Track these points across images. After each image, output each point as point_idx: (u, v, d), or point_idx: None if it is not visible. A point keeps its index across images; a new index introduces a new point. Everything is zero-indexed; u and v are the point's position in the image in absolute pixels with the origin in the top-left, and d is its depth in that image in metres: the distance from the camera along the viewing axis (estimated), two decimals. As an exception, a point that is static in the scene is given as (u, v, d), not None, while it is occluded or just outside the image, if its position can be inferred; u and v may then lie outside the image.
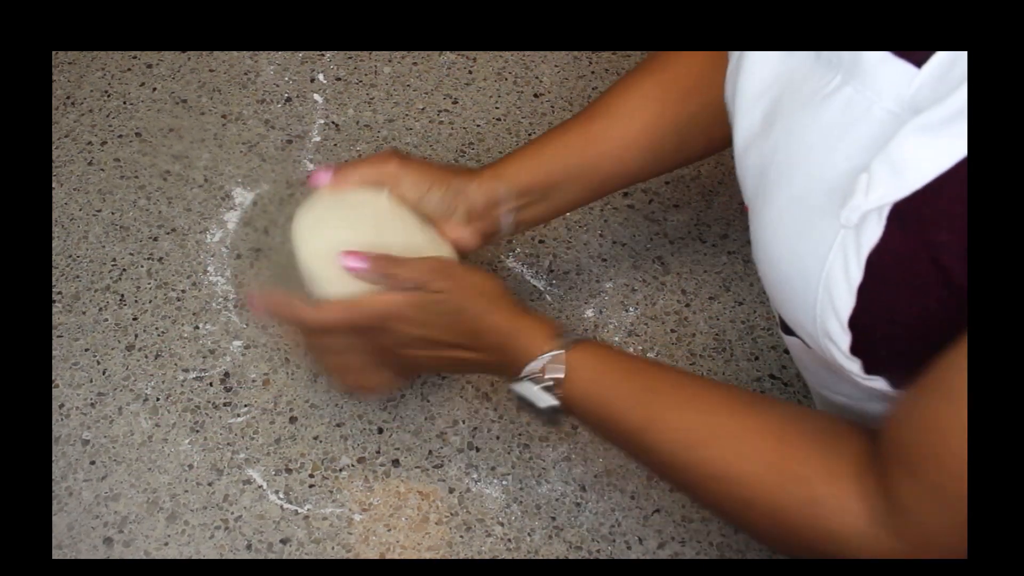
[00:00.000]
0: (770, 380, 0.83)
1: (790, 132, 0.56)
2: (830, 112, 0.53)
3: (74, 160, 0.97)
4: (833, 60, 0.54)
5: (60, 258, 0.89)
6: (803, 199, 0.54)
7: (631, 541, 0.74)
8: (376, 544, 0.73)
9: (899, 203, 0.48)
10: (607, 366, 0.64)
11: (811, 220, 0.54)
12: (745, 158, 0.61)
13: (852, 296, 0.52)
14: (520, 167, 0.75)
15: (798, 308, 0.56)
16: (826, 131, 0.53)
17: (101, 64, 1.06)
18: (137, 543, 0.72)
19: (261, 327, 0.84)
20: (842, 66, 0.53)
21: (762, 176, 0.59)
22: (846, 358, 0.55)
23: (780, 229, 0.56)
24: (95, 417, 0.79)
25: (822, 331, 0.55)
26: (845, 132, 0.52)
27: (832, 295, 0.52)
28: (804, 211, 0.54)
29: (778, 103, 0.58)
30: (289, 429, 0.78)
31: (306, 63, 1.07)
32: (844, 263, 0.51)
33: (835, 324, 0.53)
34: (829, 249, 0.52)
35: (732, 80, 0.63)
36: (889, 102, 0.50)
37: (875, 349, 0.54)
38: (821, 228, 0.53)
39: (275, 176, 0.96)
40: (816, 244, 0.53)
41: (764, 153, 0.59)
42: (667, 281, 0.89)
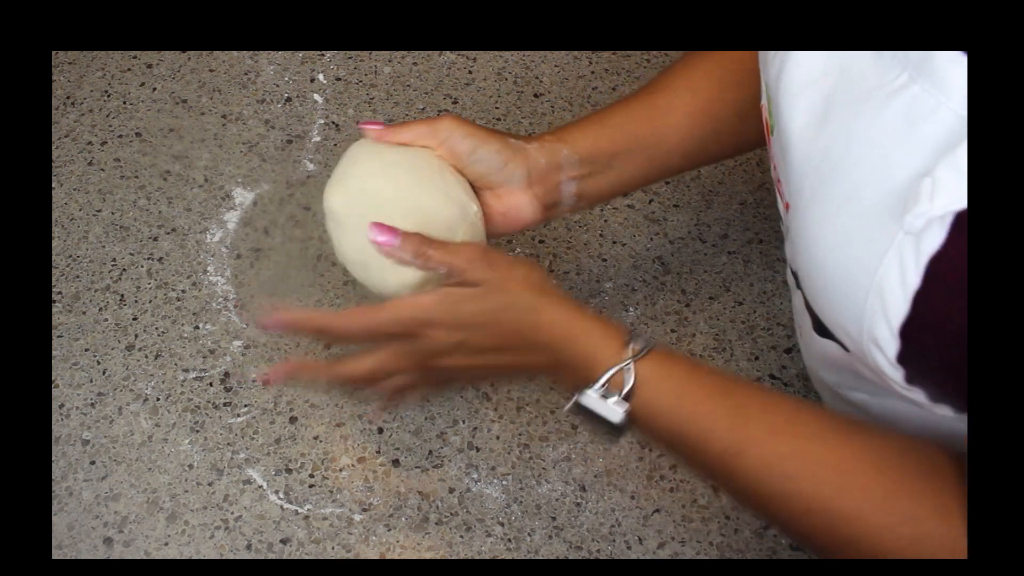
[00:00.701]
0: (770, 380, 0.83)
1: (848, 129, 0.54)
2: (893, 110, 0.51)
3: (74, 160, 0.97)
4: (898, 56, 0.51)
5: (60, 258, 0.89)
6: (858, 199, 0.52)
7: (631, 541, 0.74)
8: (376, 544, 0.73)
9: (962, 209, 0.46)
10: (688, 380, 0.58)
11: (866, 222, 0.51)
12: (790, 152, 0.58)
13: (907, 303, 0.49)
14: (584, 132, 0.70)
15: (842, 311, 0.54)
16: (888, 130, 0.51)
17: (101, 64, 1.06)
18: (137, 543, 0.72)
19: (261, 327, 0.84)
20: (909, 64, 0.51)
21: (812, 172, 0.56)
22: (891, 366, 0.52)
23: (829, 229, 0.54)
24: (95, 417, 0.79)
25: (869, 337, 0.52)
26: (909, 132, 0.50)
27: (885, 301, 0.50)
28: (858, 212, 0.52)
29: (831, 97, 0.55)
30: (289, 429, 0.79)
31: (306, 63, 1.07)
32: (900, 268, 0.49)
33: (885, 331, 0.51)
34: (884, 253, 0.50)
35: (774, 68, 0.60)
36: (958, 104, 0.48)
37: (924, 358, 0.51)
38: (876, 231, 0.51)
39: (275, 176, 0.96)
40: (869, 247, 0.51)
41: (814, 149, 0.56)
42: (667, 281, 0.89)
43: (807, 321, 0.63)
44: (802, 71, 0.57)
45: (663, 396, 0.58)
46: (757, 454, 0.55)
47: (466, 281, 0.59)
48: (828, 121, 0.55)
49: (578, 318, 0.60)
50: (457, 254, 0.60)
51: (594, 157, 0.70)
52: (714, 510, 0.75)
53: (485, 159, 0.67)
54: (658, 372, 0.58)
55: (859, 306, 0.52)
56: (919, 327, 0.50)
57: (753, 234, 0.93)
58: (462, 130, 0.67)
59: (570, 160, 0.69)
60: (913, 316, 0.50)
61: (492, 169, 0.67)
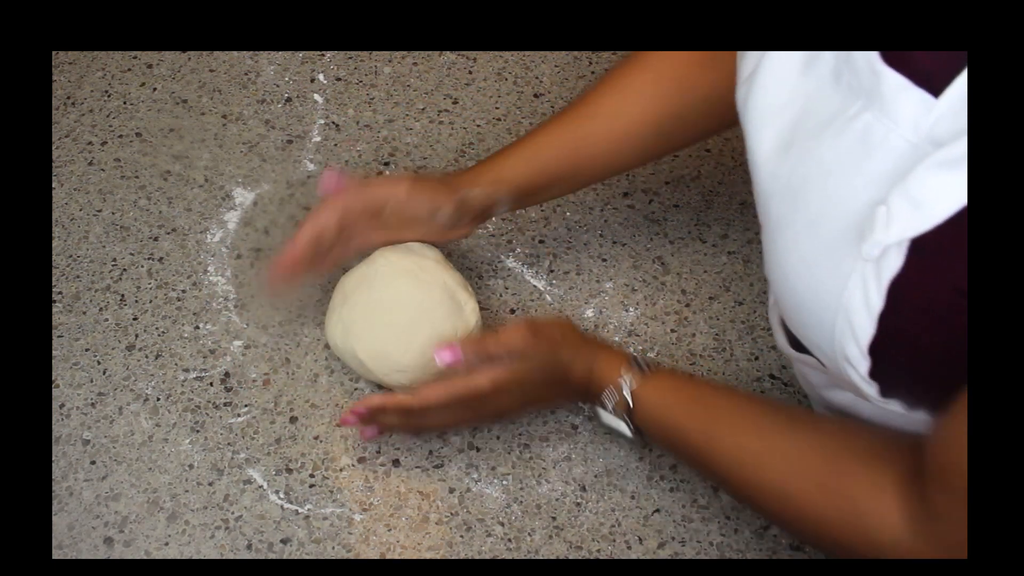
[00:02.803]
0: (770, 380, 0.83)
1: (809, 155, 0.56)
2: (849, 138, 0.53)
3: (74, 160, 0.97)
4: (854, 85, 0.53)
5: (60, 258, 0.89)
6: (820, 225, 0.54)
7: (631, 541, 0.74)
8: (376, 544, 0.73)
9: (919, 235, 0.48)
10: (669, 396, 0.69)
11: (829, 247, 0.53)
12: (759, 175, 0.61)
13: (873, 324, 0.52)
14: (515, 170, 0.79)
15: (815, 331, 0.56)
16: (844, 157, 0.53)
17: (101, 64, 1.06)
18: (137, 543, 0.72)
19: (261, 327, 0.84)
20: (862, 92, 0.53)
21: (778, 197, 0.58)
22: (865, 382, 0.55)
23: (796, 253, 0.56)
24: (95, 417, 0.79)
25: (840, 355, 0.55)
26: (863, 160, 0.52)
27: (852, 322, 0.53)
28: (821, 237, 0.54)
29: (796, 124, 0.58)
30: (289, 429, 0.79)
31: (306, 63, 1.07)
32: (864, 292, 0.51)
33: (855, 350, 0.53)
34: (847, 277, 0.52)
35: (744, 91, 0.63)
36: (907, 131, 0.50)
37: (895, 374, 0.54)
38: (839, 256, 0.53)
39: (275, 176, 0.96)
40: (834, 271, 0.53)
41: (780, 173, 0.58)
42: (667, 281, 0.89)
43: (783, 338, 0.67)
44: (768, 97, 0.60)
45: (653, 409, 0.69)
46: (723, 448, 0.64)
47: (525, 354, 0.71)
48: (792, 148, 0.58)
49: (596, 358, 0.72)
50: (513, 339, 0.71)
51: (526, 191, 0.80)
52: (714, 510, 0.75)
53: (440, 221, 0.79)
54: (646, 392, 0.69)
55: (829, 327, 0.54)
56: (887, 346, 0.52)
57: (753, 234, 0.93)
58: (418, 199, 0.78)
59: (506, 199, 0.80)
60: (880, 336, 0.52)
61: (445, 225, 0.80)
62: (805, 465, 0.60)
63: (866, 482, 0.56)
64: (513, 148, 0.80)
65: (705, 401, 0.68)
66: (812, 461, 0.60)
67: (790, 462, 0.60)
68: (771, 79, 0.60)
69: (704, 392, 0.69)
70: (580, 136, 0.79)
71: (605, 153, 0.79)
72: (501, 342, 0.70)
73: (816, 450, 0.60)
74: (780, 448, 0.61)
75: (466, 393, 0.70)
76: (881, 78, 0.51)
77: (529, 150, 0.79)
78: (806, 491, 0.59)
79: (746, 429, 0.64)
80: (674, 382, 0.70)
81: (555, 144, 0.79)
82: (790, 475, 0.60)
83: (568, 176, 0.80)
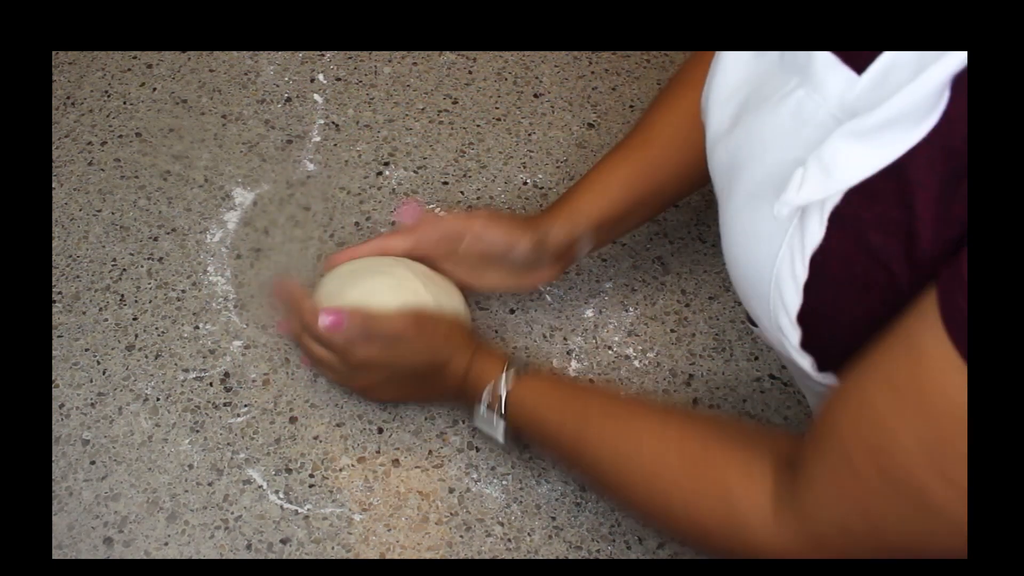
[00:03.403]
0: (770, 380, 0.83)
1: (750, 130, 0.58)
2: (784, 113, 0.54)
3: (74, 160, 0.97)
4: (790, 62, 0.55)
5: (60, 258, 0.89)
6: (757, 196, 0.56)
7: (631, 541, 0.74)
8: (376, 544, 0.73)
9: (838, 205, 0.50)
10: (548, 390, 0.70)
11: (763, 218, 0.55)
12: (713, 155, 0.62)
13: (799, 294, 0.53)
14: (591, 204, 0.79)
15: (755, 302, 0.58)
16: (779, 131, 0.55)
17: (101, 64, 1.06)
18: (137, 543, 0.72)
19: (261, 327, 0.84)
20: (797, 68, 0.54)
21: (724, 172, 0.60)
22: (798, 353, 0.56)
23: (737, 225, 0.58)
24: (95, 417, 0.79)
25: (775, 326, 0.56)
26: (795, 133, 0.53)
27: (782, 291, 0.54)
28: (758, 208, 0.56)
29: (744, 104, 0.59)
30: (289, 429, 0.79)
31: (306, 63, 1.07)
32: (791, 261, 0.53)
33: (786, 320, 0.55)
34: (779, 247, 0.54)
35: (707, 87, 0.64)
36: (833, 106, 0.51)
37: (824, 345, 0.55)
38: (771, 226, 0.54)
39: (275, 176, 0.96)
40: (768, 242, 0.54)
41: (728, 150, 0.60)
42: (667, 281, 0.89)
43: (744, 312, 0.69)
44: (728, 78, 0.61)
45: (527, 406, 0.70)
46: (595, 437, 0.65)
47: (401, 339, 0.73)
48: (738, 124, 0.59)
49: (476, 357, 0.73)
50: (395, 322, 0.72)
51: (605, 224, 0.80)
52: (714, 510, 0.75)
53: (518, 256, 0.79)
54: (523, 388, 0.70)
55: (765, 298, 0.56)
56: (813, 316, 0.54)
57: (753, 234, 0.93)
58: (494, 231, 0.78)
59: (587, 235, 0.80)
60: (806, 306, 0.53)
61: (524, 262, 0.79)
62: (673, 453, 0.60)
63: (737, 467, 0.57)
64: (583, 183, 0.80)
65: (578, 399, 0.68)
66: (684, 447, 0.60)
67: (660, 448, 0.61)
68: (730, 64, 0.61)
69: (578, 391, 0.70)
70: (646, 163, 0.79)
71: (676, 175, 0.79)
72: (384, 322, 0.72)
73: (690, 438, 0.61)
74: (648, 440, 0.62)
75: (340, 349, 0.73)
76: (814, 57, 0.52)
77: (600, 183, 0.80)
78: (675, 476, 0.59)
79: (616, 424, 0.65)
80: (549, 382, 0.71)
81: (623, 174, 0.79)
82: (658, 464, 0.61)
83: (644, 204, 0.80)
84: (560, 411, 0.68)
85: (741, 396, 0.82)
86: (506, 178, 0.97)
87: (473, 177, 0.97)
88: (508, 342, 0.84)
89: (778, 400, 0.82)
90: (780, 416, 0.81)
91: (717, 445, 0.59)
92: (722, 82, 0.62)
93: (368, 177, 0.96)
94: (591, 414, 0.66)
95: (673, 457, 0.60)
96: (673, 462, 0.60)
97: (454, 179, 0.96)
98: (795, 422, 0.80)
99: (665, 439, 0.62)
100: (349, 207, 0.94)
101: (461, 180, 0.96)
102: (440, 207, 0.94)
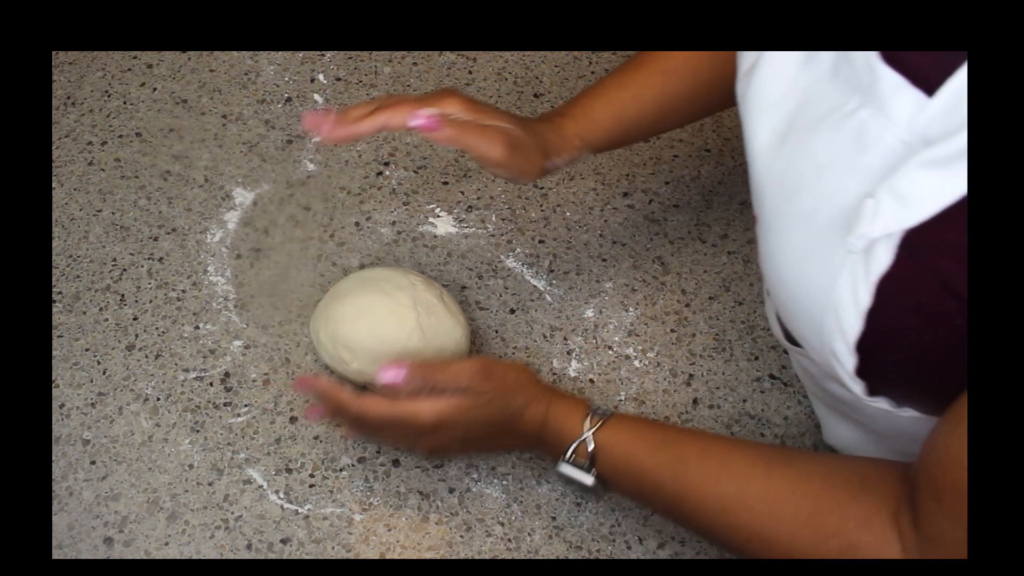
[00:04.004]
0: (770, 380, 0.83)
1: (804, 150, 0.56)
2: (844, 134, 0.53)
3: (74, 160, 0.97)
4: (851, 81, 0.54)
5: (60, 258, 0.89)
6: (813, 219, 0.54)
7: (631, 541, 0.74)
8: (376, 544, 0.73)
9: (909, 231, 0.48)
10: (635, 441, 0.66)
11: (820, 242, 0.53)
12: (755, 168, 0.61)
13: (860, 320, 0.52)
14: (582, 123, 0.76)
15: (804, 325, 0.56)
16: (839, 153, 0.53)
17: (101, 64, 1.06)
18: (137, 543, 0.72)
19: (261, 327, 0.84)
20: (860, 88, 0.53)
21: (773, 190, 0.59)
22: (851, 379, 0.55)
23: (789, 247, 0.56)
24: (95, 417, 0.79)
25: (828, 351, 0.55)
26: (858, 156, 0.52)
27: (840, 318, 0.52)
28: (813, 232, 0.54)
29: (793, 118, 0.58)
30: (289, 429, 0.79)
31: (306, 63, 1.07)
32: (853, 288, 0.51)
33: (842, 346, 0.53)
34: (838, 273, 0.52)
35: (744, 84, 0.63)
36: (901, 130, 0.50)
37: (882, 372, 0.54)
38: (829, 251, 0.53)
39: (275, 176, 0.96)
40: (825, 266, 0.53)
41: (776, 167, 0.58)
42: (667, 281, 0.89)
43: (779, 329, 0.67)
44: (768, 89, 0.60)
45: (617, 459, 0.66)
46: (698, 498, 0.62)
47: (471, 392, 0.67)
48: (787, 141, 0.58)
49: (552, 406, 0.69)
50: (462, 374, 0.67)
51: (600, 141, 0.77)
52: (714, 510, 0.75)
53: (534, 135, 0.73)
54: (611, 438, 0.67)
55: (818, 322, 0.54)
56: (874, 343, 0.52)
57: (753, 234, 0.93)
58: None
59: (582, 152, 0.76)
60: (867, 333, 0.52)
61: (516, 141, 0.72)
62: (787, 506, 0.58)
63: (855, 515, 0.55)
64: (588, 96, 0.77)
65: (671, 444, 0.65)
66: (795, 500, 0.58)
67: (769, 504, 0.59)
68: (771, 72, 0.60)
69: (669, 435, 0.66)
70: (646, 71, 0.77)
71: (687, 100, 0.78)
72: (450, 375, 0.67)
73: (798, 489, 0.58)
74: (757, 490, 0.59)
75: (407, 419, 0.67)
76: (878, 76, 0.51)
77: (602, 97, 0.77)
78: (792, 532, 0.57)
79: (718, 472, 0.62)
80: (637, 426, 0.68)
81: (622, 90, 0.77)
82: (771, 518, 0.58)
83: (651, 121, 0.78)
84: (653, 461, 0.65)
85: (741, 396, 0.82)
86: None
87: (473, 177, 0.97)
88: (508, 342, 0.84)
89: (778, 400, 0.82)
90: (780, 416, 0.81)
91: (828, 493, 0.57)
92: (765, 88, 0.60)
93: (368, 177, 0.96)
94: (687, 466, 0.63)
95: (784, 511, 0.58)
96: (786, 517, 0.58)
97: (454, 179, 0.96)
98: (795, 422, 0.80)
99: (773, 492, 0.59)
100: (349, 207, 0.94)
101: (461, 180, 0.96)
102: (440, 207, 0.94)
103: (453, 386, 0.67)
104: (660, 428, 0.68)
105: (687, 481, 0.62)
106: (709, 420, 0.80)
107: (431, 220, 0.93)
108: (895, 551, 0.53)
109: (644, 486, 0.65)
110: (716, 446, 0.64)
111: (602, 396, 0.81)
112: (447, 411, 0.67)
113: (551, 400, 0.70)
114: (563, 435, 0.68)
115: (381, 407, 0.68)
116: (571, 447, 0.67)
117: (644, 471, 0.65)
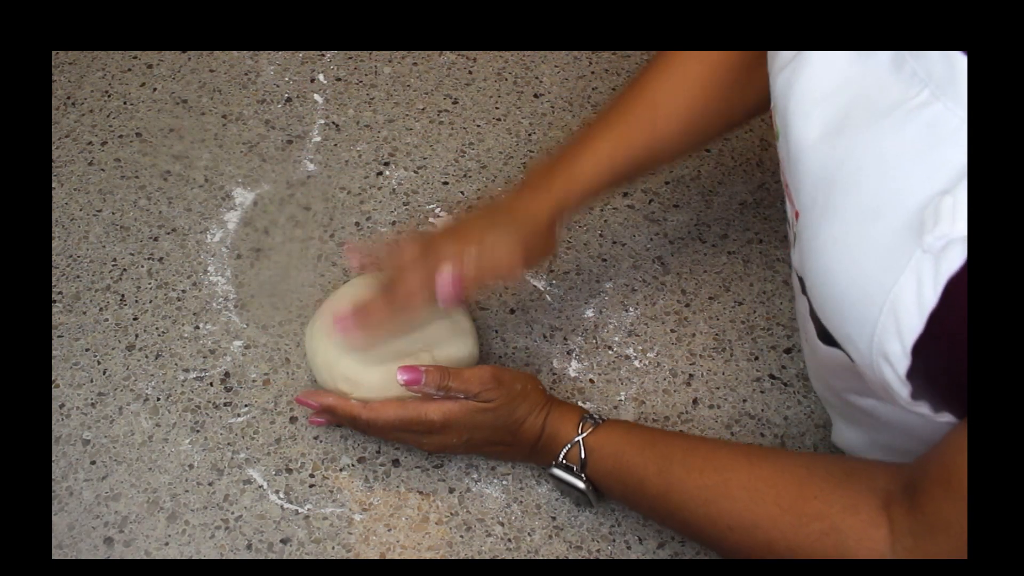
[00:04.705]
0: (770, 380, 0.83)
1: (864, 144, 0.54)
2: (913, 128, 0.51)
3: (74, 160, 0.97)
4: (919, 73, 0.52)
5: (60, 258, 0.89)
6: (876, 216, 0.52)
7: (631, 541, 0.74)
8: (376, 544, 0.73)
9: None
10: (624, 443, 0.68)
11: (883, 239, 0.52)
12: (801, 163, 0.59)
13: (922, 321, 0.49)
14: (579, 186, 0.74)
15: (852, 325, 0.54)
16: (908, 148, 0.51)
17: (101, 64, 1.06)
18: (137, 543, 0.72)
19: (261, 327, 0.84)
20: (931, 80, 0.51)
21: (825, 185, 0.57)
22: (900, 382, 0.53)
23: (842, 243, 0.54)
24: (95, 417, 0.79)
25: (879, 352, 0.53)
26: (930, 151, 0.50)
27: (899, 318, 0.51)
28: (875, 229, 0.52)
29: (848, 111, 0.56)
30: (289, 429, 0.79)
31: (306, 63, 1.07)
32: (918, 287, 0.49)
33: (897, 347, 0.51)
34: (901, 271, 0.50)
35: (783, 79, 0.61)
36: None
37: (934, 376, 0.52)
38: (894, 248, 0.51)
39: (275, 176, 0.96)
40: (886, 264, 0.51)
41: (828, 162, 0.56)
42: (667, 281, 0.89)
43: (811, 328, 0.64)
44: (817, 83, 0.58)
45: (606, 460, 0.69)
46: (681, 490, 0.63)
47: (481, 400, 0.70)
48: (843, 135, 0.56)
49: (551, 414, 0.72)
50: (472, 381, 0.70)
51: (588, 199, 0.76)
52: (714, 510, 0.74)
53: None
54: (601, 441, 0.69)
55: (870, 321, 0.52)
56: (932, 345, 0.50)
57: (753, 234, 0.93)
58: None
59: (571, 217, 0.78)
60: (927, 334, 0.50)
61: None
62: (769, 492, 0.58)
63: (840, 501, 0.55)
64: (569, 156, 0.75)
65: (658, 444, 0.66)
66: (777, 487, 0.58)
67: (752, 491, 0.59)
68: (820, 65, 0.58)
69: (657, 436, 0.68)
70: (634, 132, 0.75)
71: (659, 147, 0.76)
72: (462, 380, 0.70)
73: (781, 478, 0.58)
74: (740, 480, 0.60)
75: (416, 420, 0.70)
76: (956, 68, 0.49)
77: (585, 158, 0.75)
78: (773, 517, 0.57)
79: (702, 466, 0.63)
80: (626, 429, 0.70)
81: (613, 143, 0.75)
82: (753, 503, 0.59)
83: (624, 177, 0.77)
84: (640, 460, 0.66)
85: (741, 396, 0.82)
86: (506, 178, 0.97)
87: (473, 177, 0.97)
88: (508, 342, 0.84)
89: (778, 400, 0.82)
90: (780, 416, 0.81)
91: (812, 482, 0.57)
92: (812, 83, 0.58)
93: (368, 177, 0.96)
94: (672, 463, 0.64)
95: (766, 497, 0.58)
96: (767, 502, 0.58)
97: (454, 179, 0.96)
98: (795, 422, 0.80)
99: (756, 480, 0.59)
100: (349, 207, 0.94)
101: (461, 180, 0.96)
102: (440, 207, 0.94)
103: (464, 391, 0.70)
104: (649, 431, 0.70)
105: (671, 475, 0.64)
106: (709, 420, 0.80)
107: (431, 220, 0.93)
108: (882, 535, 0.53)
109: (630, 484, 0.67)
110: (702, 444, 0.66)
111: (602, 396, 0.81)
112: (454, 412, 0.70)
113: (551, 408, 0.72)
114: (557, 440, 0.71)
115: (391, 412, 0.71)
116: (563, 451, 0.71)
117: (630, 469, 0.67)
